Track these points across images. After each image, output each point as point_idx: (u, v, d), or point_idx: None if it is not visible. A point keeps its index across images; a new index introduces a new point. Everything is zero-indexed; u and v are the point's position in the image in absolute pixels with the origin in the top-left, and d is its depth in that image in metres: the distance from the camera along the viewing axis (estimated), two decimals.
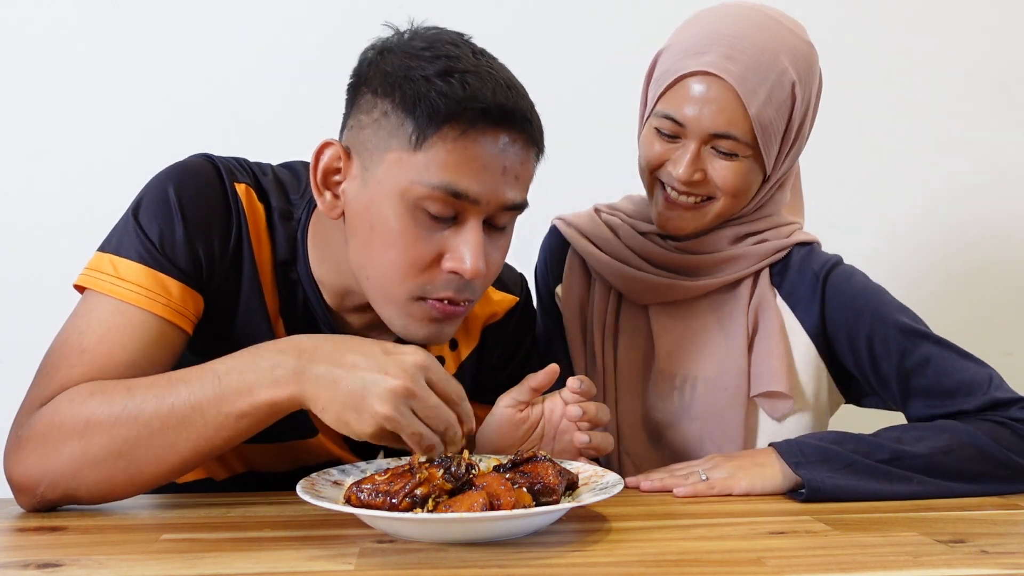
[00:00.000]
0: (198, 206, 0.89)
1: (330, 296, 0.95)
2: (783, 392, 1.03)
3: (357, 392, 0.75)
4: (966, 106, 1.62)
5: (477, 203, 0.82)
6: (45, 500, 0.82)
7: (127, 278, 0.86)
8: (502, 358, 1.10)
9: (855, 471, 0.92)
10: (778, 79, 1.01)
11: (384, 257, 0.84)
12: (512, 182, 0.84)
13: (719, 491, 0.94)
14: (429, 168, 0.81)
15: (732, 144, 1.01)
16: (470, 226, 0.83)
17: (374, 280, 0.86)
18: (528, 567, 0.67)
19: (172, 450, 0.79)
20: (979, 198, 1.62)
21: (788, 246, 1.10)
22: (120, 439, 0.79)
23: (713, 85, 1.00)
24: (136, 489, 0.83)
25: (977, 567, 0.68)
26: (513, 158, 0.83)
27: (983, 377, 0.99)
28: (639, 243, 1.12)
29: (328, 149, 0.87)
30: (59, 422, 0.80)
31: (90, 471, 0.80)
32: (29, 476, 0.81)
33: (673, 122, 1.03)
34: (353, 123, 0.87)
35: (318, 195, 0.88)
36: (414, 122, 0.81)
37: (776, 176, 1.09)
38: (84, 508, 0.87)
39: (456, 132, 0.80)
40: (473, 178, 0.81)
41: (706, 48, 1.01)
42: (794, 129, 1.05)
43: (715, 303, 1.10)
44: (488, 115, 0.80)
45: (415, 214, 0.82)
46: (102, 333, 0.84)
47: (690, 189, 1.04)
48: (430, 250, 0.84)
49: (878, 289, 1.06)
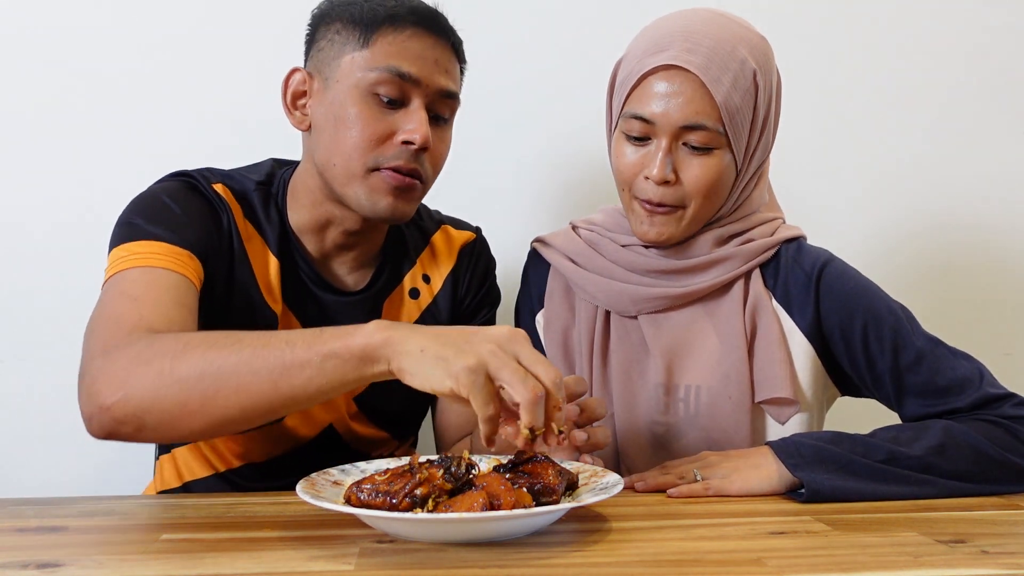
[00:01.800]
0: (189, 202, 1.02)
1: (313, 243, 1.09)
2: (789, 398, 1.03)
3: (460, 338, 0.76)
4: (967, 105, 1.62)
5: (418, 84, 1.00)
6: (115, 418, 0.81)
7: (148, 251, 0.95)
8: (473, 288, 1.19)
9: (852, 472, 0.92)
10: (740, 67, 1.01)
11: (346, 138, 1.00)
12: (444, 73, 1.03)
13: (714, 492, 0.93)
14: (376, 58, 1.00)
15: (703, 136, 1.01)
16: (415, 106, 1.01)
17: (340, 164, 1.01)
18: (528, 567, 0.67)
19: (254, 380, 0.79)
20: (979, 197, 1.62)
21: (775, 244, 1.09)
22: (209, 361, 0.80)
23: (677, 77, 1.00)
24: (201, 423, 0.81)
25: (977, 567, 0.68)
26: (441, 54, 1.03)
27: (974, 374, 1.00)
28: (623, 255, 1.12)
29: (295, 74, 1.06)
30: (156, 343, 0.83)
31: (170, 390, 0.79)
32: (109, 385, 0.81)
33: (641, 121, 1.02)
34: (313, 51, 1.05)
35: (288, 114, 1.06)
36: (361, 28, 1.01)
37: (749, 170, 1.08)
38: (84, 508, 0.87)
39: (393, 29, 1.00)
40: (412, 63, 1.00)
41: (665, 45, 1.02)
42: (760, 118, 1.05)
43: (708, 307, 1.09)
44: (417, 15, 1.01)
45: (369, 100, 1.00)
46: (144, 289, 0.91)
47: (664, 196, 1.03)
48: (383, 128, 1.00)
49: (870, 286, 1.06)
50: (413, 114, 1.00)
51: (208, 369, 0.79)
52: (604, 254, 1.13)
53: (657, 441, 1.08)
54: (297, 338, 0.80)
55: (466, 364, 0.73)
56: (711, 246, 1.09)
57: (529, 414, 0.73)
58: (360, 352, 0.77)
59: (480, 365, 0.74)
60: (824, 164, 1.59)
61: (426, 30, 1.01)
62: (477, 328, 0.78)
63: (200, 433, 0.84)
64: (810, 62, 1.58)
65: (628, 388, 1.09)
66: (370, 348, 0.77)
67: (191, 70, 1.46)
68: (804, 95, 1.55)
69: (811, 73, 1.58)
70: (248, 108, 1.44)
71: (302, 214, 1.08)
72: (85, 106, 1.46)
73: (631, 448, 1.08)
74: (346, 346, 0.78)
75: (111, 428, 0.82)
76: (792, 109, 1.24)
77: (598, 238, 1.15)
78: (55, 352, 1.43)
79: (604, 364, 1.11)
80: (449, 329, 0.78)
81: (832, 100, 1.59)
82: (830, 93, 1.59)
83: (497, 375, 0.74)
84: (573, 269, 1.14)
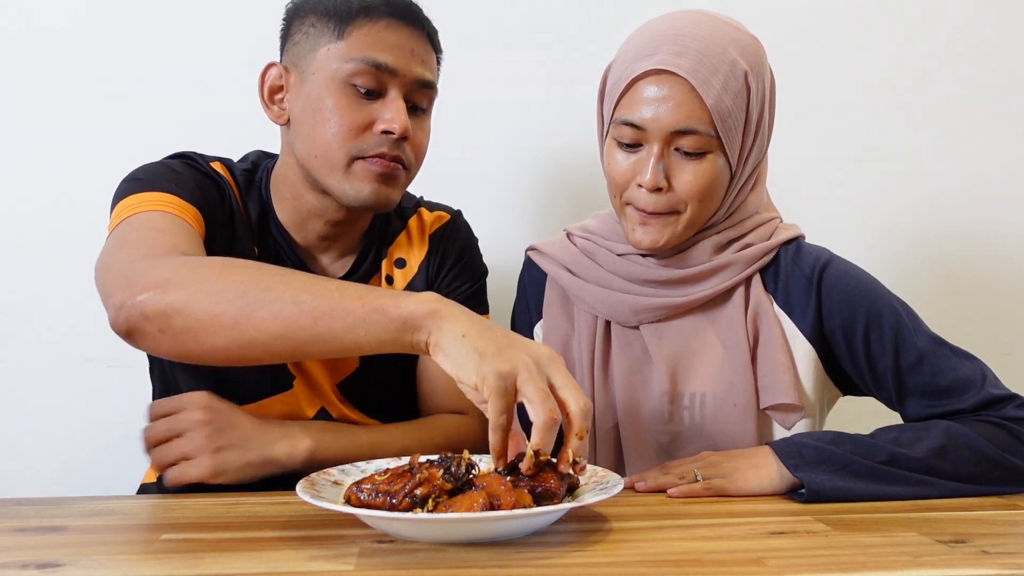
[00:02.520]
0: (192, 174, 1.04)
1: (297, 233, 1.10)
2: (794, 404, 1.02)
3: (504, 339, 0.77)
4: (968, 104, 1.62)
5: (395, 75, 1.01)
6: (143, 312, 0.80)
7: (159, 200, 0.96)
8: (445, 269, 1.17)
9: (853, 472, 0.92)
10: (730, 69, 1.00)
11: (325, 131, 1.00)
12: (420, 63, 1.03)
13: (714, 492, 0.93)
14: (352, 49, 1.00)
15: (695, 140, 1.00)
16: (392, 96, 1.01)
17: (320, 156, 1.02)
18: (528, 567, 0.67)
19: (295, 311, 0.78)
20: (979, 197, 1.62)
21: (774, 247, 1.08)
22: (257, 281, 0.80)
23: (667, 82, 0.99)
24: (227, 339, 0.80)
25: (977, 567, 0.68)
26: (417, 44, 1.03)
27: (977, 374, 0.99)
28: (621, 266, 1.10)
29: (272, 69, 1.06)
30: (202, 258, 0.86)
31: (209, 295, 0.79)
32: (148, 277, 0.81)
33: (632, 127, 1.01)
34: (289, 45, 1.06)
35: (266, 109, 1.07)
36: (336, 20, 1.01)
37: (744, 173, 1.07)
38: (84, 508, 0.87)
39: (368, 20, 1.00)
40: (388, 53, 1.00)
41: (654, 49, 1.00)
42: (754, 120, 1.03)
43: (710, 315, 1.08)
44: (391, 6, 1.01)
45: (346, 91, 1.00)
46: (168, 224, 0.93)
47: (657, 203, 1.02)
48: (362, 118, 1.01)
49: (871, 284, 1.05)
50: (391, 103, 1.01)
51: (253, 288, 0.79)
52: (601, 263, 1.12)
53: (662, 449, 1.07)
54: (348, 287, 0.81)
55: (499, 368, 0.73)
56: (709, 254, 1.08)
57: (540, 436, 0.73)
58: (408, 316, 0.78)
59: (512, 373, 0.74)
60: (823, 164, 1.59)
61: (401, 20, 1.02)
62: (523, 338, 0.79)
63: (220, 352, 0.81)
64: (805, 61, 1.58)
65: (632, 397, 1.08)
66: (418, 315, 0.78)
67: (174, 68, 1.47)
68: (800, 95, 1.55)
69: (806, 72, 1.58)
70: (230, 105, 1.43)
71: (284, 207, 1.09)
72: (85, 106, 1.46)
73: (636, 457, 1.08)
74: (396, 305, 0.78)
75: (136, 323, 0.81)
76: (790, 109, 1.24)
77: (594, 247, 1.14)
78: (56, 352, 1.44)
79: (605, 373, 1.10)
80: (497, 327, 0.79)
81: (831, 100, 1.59)
82: (827, 92, 1.59)
83: (522, 388, 0.74)
84: (571, 279, 1.13)
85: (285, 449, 0.95)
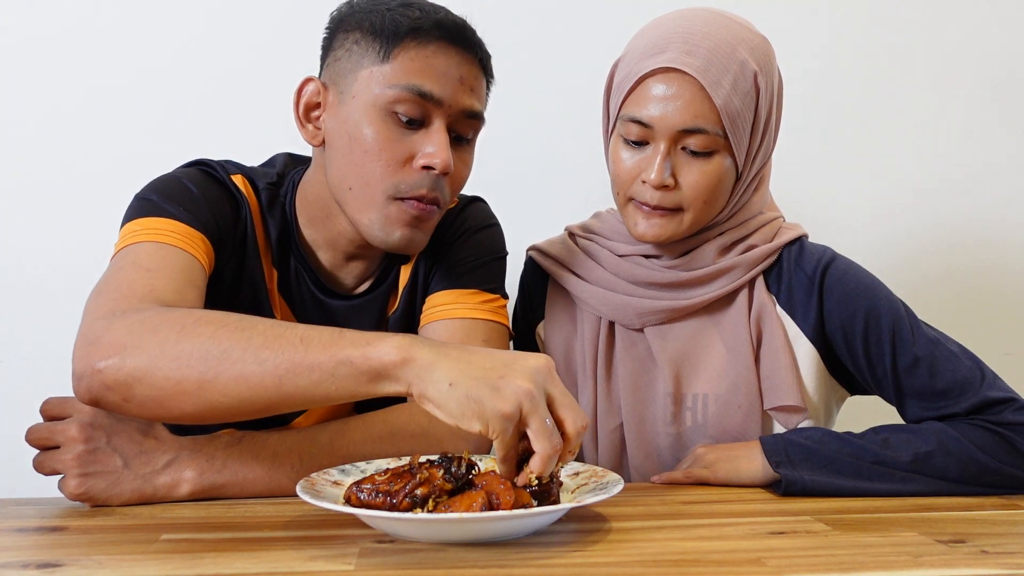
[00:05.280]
0: (208, 189, 0.99)
1: (324, 253, 1.05)
2: (797, 405, 1.02)
3: (497, 367, 0.72)
4: (969, 104, 1.62)
5: (440, 104, 0.94)
6: (104, 382, 0.77)
7: (162, 228, 0.93)
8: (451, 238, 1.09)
9: (835, 470, 0.93)
10: (740, 69, 0.99)
11: (363, 162, 0.95)
12: (469, 92, 0.96)
13: (695, 480, 0.96)
14: (396, 74, 0.93)
15: (702, 140, 1.00)
16: (436, 127, 0.95)
17: (356, 188, 0.96)
18: (528, 567, 0.67)
19: (258, 372, 0.75)
20: (979, 197, 1.62)
21: (777, 249, 1.08)
22: (217, 342, 0.76)
23: (676, 80, 0.99)
24: (193, 406, 0.77)
25: (977, 567, 0.68)
26: (467, 71, 0.96)
27: (975, 375, 0.99)
28: (624, 267, 1.10)
29: (309, 84, 1.00)
30: (165, 313, 0.79)
31: (169, 363, 0.76)
32: (107, 346, 0.77)
33: (639, 125, 1.01)
34: (330, 60, 0.99)
35: (300, 127, 1.00)
36: (381, 40, 0.94)
37: (750, 174, 1.07)
38: (84, 508, 0.87)
39: (417, 43, 0.94)
40: (434, 81, 0.94)
41: (664, 47, 1.00)
42: (762, 120, 1.03)
43: (714, 317, 1.08)
44: (443, 30, 0.94)
45: (387, 119, 0.94)
46: (157, 262, 0.88)
47: (662, 200, 1.01)
48: (403, 151, 0.95)
49: (872, 283, 1.04)
50: (434, 135, 0.95)
51: (213, 350, 0.75)
52: (604, 265, 1.12)
53: (667, 450, 1.07)
54: (313, 336, 0.76)
55: (501, 411, 0.70)
56: (713, 256, 1.08)
57: (543, 466, 0.72)
58: (379, 367, 0.74)
59: (515, 413, 0.71)
60: (825, 165, 1.59)
61: (452, 44, 0.95)
62: (509, 358, 0.74)
63: (187, 417, 0.79)
64: (813, 62, 1.58)
65: (636, 399, 1.08)
66: (389, 366, 0.73)
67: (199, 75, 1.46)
68: (806, 95, 1.55)
69: (814, 73, 1.58)
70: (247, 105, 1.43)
71: (313, 225, 1.04)
72: (88, 109, 1.46)
73: (641, 458, 1.08)
74: (365, 356, 0.74)
75: (98, 392, 0.78)
76: (795, 109, 1.24)
77: (596, 248, 1.13)
78: (56, 352, 1.43)
79: (609, 375, 1.10)
80: (475, 355, 0.74)
81: (832, 100, 1.59)
82: (833, 93, 1.59)
83: (527, 420, 0.72)
84: (574, 281, 1.13)
85: (166, 482, 0.87)
